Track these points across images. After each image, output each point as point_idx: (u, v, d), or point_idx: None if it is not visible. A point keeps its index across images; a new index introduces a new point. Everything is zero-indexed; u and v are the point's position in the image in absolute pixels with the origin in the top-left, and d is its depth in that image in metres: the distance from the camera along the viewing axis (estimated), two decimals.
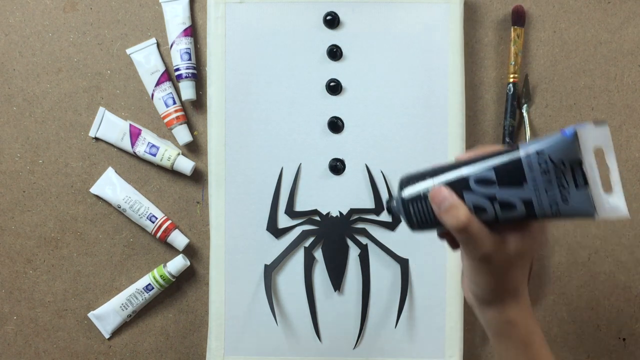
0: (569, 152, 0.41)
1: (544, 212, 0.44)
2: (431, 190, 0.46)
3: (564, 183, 0.42)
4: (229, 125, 0.63)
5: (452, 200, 0.45)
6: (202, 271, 0.65)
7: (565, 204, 0.43)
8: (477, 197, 0.45)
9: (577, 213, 0.43)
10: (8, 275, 0.65)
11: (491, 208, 0.45)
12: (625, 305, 0.65)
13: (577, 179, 0.41)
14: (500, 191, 0.44)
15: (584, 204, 0.42)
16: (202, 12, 0.65)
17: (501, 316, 0.48)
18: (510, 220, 0.45)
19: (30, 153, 0.65)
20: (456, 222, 0.44)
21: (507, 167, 0.44)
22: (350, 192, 0.63)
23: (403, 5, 0.63)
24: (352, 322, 0.63)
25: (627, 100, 0.65)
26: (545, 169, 0.42)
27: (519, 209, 0.44)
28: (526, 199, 0.44)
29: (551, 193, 0.43)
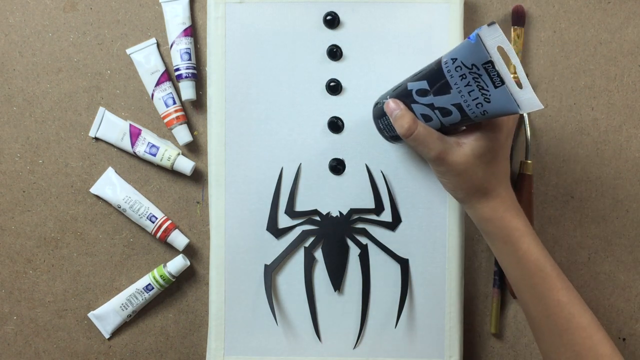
0: (478, 55, 0.44)
1: (474, 114, 0.47)
2: (386, 103, 0.53)
3: (482, 85, 0.45)
4: (229, 125, 0.63)
5: (398, 110, 0.51)
6: (202, 271, 0.65)
7: (489, 104, 0.46)
8: (421, 107, 0.50)
9: (502, 111, 0.46)
10: (8, 275, 0.65)
11: (434, 115, 0.50)
12: (625, 305, 0.65)
13: (494, 79, 0.45)
14: (435, 99, 0.49)
15: (506, 102, 0.45)
16: (202, 12, 0.65)
17: (475, 213, 0.53)
18: (455, 124, 0.50)
19: (30, 153, 0.65)
20: (402, 129, 0.51)
21: (435, 76, 0.48)
22: (350, 192, 0.63)
23: (403, 5, 0.63)
24: (352, 322, 0.63)
25: (627, 100, 0.65)
26: (462, 74, 0.46)
27: (454, 113, 0.48)
28: (456, 104, 0.48)
29: (474, 95, 0.46)
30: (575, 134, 0.65)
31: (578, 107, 0.65)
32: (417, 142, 0.50)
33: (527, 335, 0.65)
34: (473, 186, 0.51)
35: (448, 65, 0.46)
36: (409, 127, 0.50)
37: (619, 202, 0.65)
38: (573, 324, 0.50)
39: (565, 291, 0.51)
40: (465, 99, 0.47)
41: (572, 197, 0.65)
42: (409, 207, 0.63)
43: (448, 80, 0.47)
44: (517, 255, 0.51)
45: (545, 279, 0.51)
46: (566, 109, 0.65)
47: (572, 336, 0.50)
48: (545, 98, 0.65)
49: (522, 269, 0.51)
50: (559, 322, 0.50)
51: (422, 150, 0.51)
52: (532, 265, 0.51)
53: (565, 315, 0.50)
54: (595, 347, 0.49)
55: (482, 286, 0.66)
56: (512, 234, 0.51)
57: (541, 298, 0.51)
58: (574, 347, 0.49)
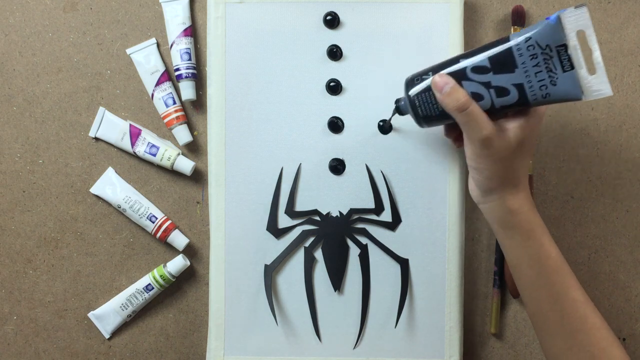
0: (554, 37, 0.45)
1: (535, 96, 0.47)
2: (433, 78, 0.50)
3: (551, 67, 0.46)
4: (229, 125, 0.63)
5: (452, 84, 0.49)
6: (202, 271, 0.65)
7: (554, 87, 0.46)
8: (474, 85, 0.49)
9: (566, 96, 0.46)
10: (8, 275, 0.65)
11: (488, 94, 0.49)
12: (625, 305, 0.65)
13: (564, 63, 0.45)
14: (494, 77, 0.48)
15: (571, 87, 0.46)
16: (202, 12, 0.65)
17: (503, 205, 0.51)
18: (506, 107, 0.49)
19: (30, 153, 0.65)
20: (457, 102, 0.48)
21: (500, 54, 0.48)
22: (350, 192, 0.63)
23: (403, 5, 0.63)
24: (352, 322, 0.63)
25: (627, 100, 0.65)
26: (534, 54, 0.46)
27: (512, 93, 0.48)
28: (518, 83, 0.47)
29: (541, 77, 0.46)
30: (575, 134, 0.65)
31: (578, 107, 0.65)
32: (470, 118, 0.48)
33: (527, 335, 0.65)
34: (508, 175, 0.50)
35: (519, 43, 0.47)
36: (466, 100, 0.48)
37: (619, 202, 0.65)
38: (588, 324, 0.49)
39: (580, 291, 0.50)
40: (530, 80, 0.47)
41: (572, 197, 0.65)
42: (409, 207, 0.63)
43: (515, 59, 0.47)
44: (539, 251, 0.50)
45: (564, 278, 0.50)
46: (566, 109, 0.65)
47: (586, 336, 0.49)
48: None
49: (541, 266, 0.50)
50: (573, 322, 0.49)
51: (472, 129, 0.48)
52: (552, 262, 0.50)
53: (580, 315, 0.49)
54: (609, 348, 0.49)
55: (482, 286, 0.66)
56: (536, 229, 0.50)
57: (558, 297, 0.50)
58: (588, 347, 0.49)
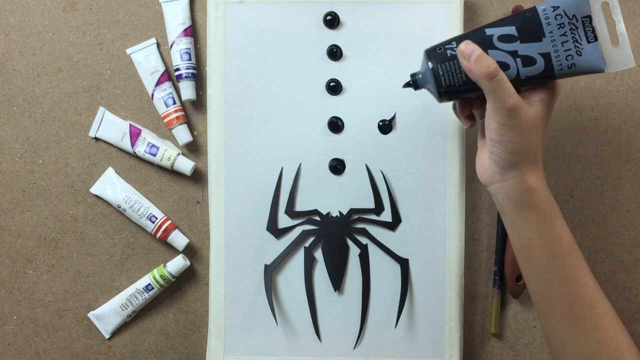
0: (580, 7, 0.46)
1: (561, 66, 0.48)
2: (460, 46, 0.49)
3: (577, 37, 0.46)
4: (229, 125, 0.63)
5: (479, 52, 0.48)
6: (202, 271, 0.65)
7: (580, 57, 0.47)
8: (501, 54, 0.49)
9: (590, 67, 0.47)
10: (8, 275, 0.65)
11: (514, 64, 0.49)
12: (625, 305, 0.65)
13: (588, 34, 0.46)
14: (521, 46, 0.48)
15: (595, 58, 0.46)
16: (202, 12, 0.65)
17: (523, 182, 0.50)
18: (531, 77, 0.49)
19: (30, 153, 0.65)
20: (487, 69, 0.47)
21: (527, 22, 0.48)
22: (350, 192, 0.63)
23: (403, 5, 0.63)
24: (352, 322, 0.63)
25: (627, 100, 0.65)
26: (561, 23, 0.47)
27: (539, 63, 0.48)
28: (545, 52, 0.48)
29: (567, 46, 0.47)
30: (575, 134, 0.65)
31: (578, 107, 0.65)
32: (499, 86, 0.47)
33: (527, 335, 0.65)
34: (530, 150, 0.49)
35: (547, 12, 0.47)
36: (494, 68, 0.47)
37: (619, 202, 0.65)
38: (597, 310, 0.48)
39: (590, 276, 0.49)
40: (557, 49, 0.47)
41: (572, 197, 0.65)
42: (409, 207, 0.63)
43: (543, 27, 0.47)
44: (554, 232, 0.49)
45: (577, 261, 0.49)
46: (566, 109, 0.65)
47: (595, 322, 0.48)
48: None
49: (555, 248, 0.49)
50: (583, 307, 0.49)
51: (500, 97, 0.47)
52: (565, 244, 0.49)
53: (590, 299, 0.49)
54: (617, 335, 0.48)
55: (482, 286, 0.66)
56: (552, 209, 0.50)
57: (570, 280, 0.49)
58: (596, 333, 0.48)
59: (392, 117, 0.63)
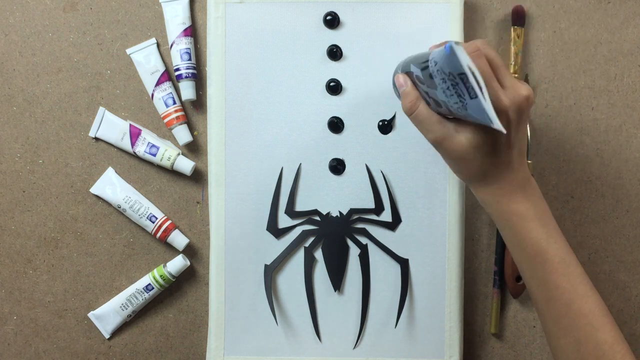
0: (453, 66, 0.43)
1: (458, 113, 0.47)
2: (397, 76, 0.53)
3: (460, 92, 0.44)
4: (229, 125, 0.63)
5: (405, 87, 0.51)
6: (202, 271, 0.65)
7: (466, 111, 0.45)
8: (422, 91, 0.50)
9: (479, 121, 0.45)
10: (8, 275, 0.65)
11: (431, 101, 0.49)
12: (625, 305, 0.65)
13: (470, 90, 0.43)
14: (428, 90, 0.49)
15: (480, 113, 0.44)
16: (202, 12, 0.65)
17: (477, 195, 0.53)
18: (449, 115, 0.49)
19: (30, 153, 0.65)
20: (404, 107, 0.51)
21: (425, 69, 0.47)
22: (350, 192, 0.63)
23: (403, 5, 0.63)
24: (352, 322, 0.63)
25: (627, 100, 0.65)
26: (443, 78, 0.45)
27: (443, 107, 0.48)
28: (442, 100, 0.47)
29: (454, 99, 0.45)
30: (575, 134, 0.65)
31: (578, 107, 0.65)
32: (417, 122, 0.51)
33: (527, 335, 0.65)
34: (471, 172, 0.51)
35: (431, 65, 0.46)
36: (410, 106, 0.51)
37: (619, 202, 0.65)
38: (573, 310, 0.49)
39: (565, 277, 0.50)
40: (447, 100, 0.46)
41: (572, 197, 0.65)
42: (409, 207, 0.63)
43: (434, 78, 0.46)
44: (517, 239, 0.51)
45: (544, 264, 0.50)
46: (566, 109, 0.65)
47: (571, 321, 0.49)
48: (545, 98, 0.65)
49: (522, 253, 0.51)
50: (558, 307, 0.50)
51: (421, 131, 0.51)
52: (530, 249, 0.50)
53: (565, 300, 0.49)
54: (596, 333, 0.49)
55: (482, 286, 0.66)
56: (510, 219, 0.51)
57: (541, 282, 0.50)
58: (574, 332, 0.49)
59: (392, 117, 0.63)
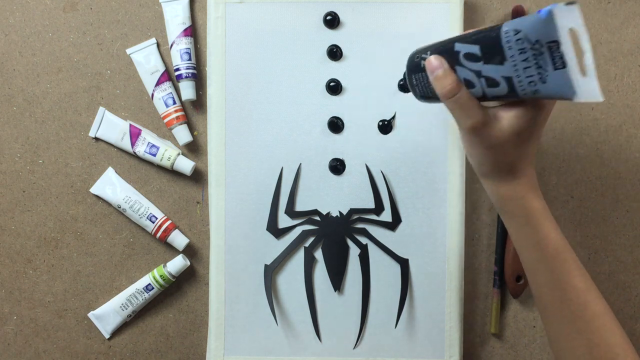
0: (546, 33, 0.42)
1: (524, 91, 0.45)
2: (429, 58, 0.48)
3: (541, 64, 0.43)
4: (229, 125, 0.63)
5: (442, 69, 0.48)
6: (202, 271, 0.65)
7: (544, 84, 0.44)
8: (466, 72, 0.47)
9: (556, 94, 0.44)
10: (8, 275, 0.65)
11: (478, 83, 0.47)
12: (625, 305, 0.65)
13: (555, 61, 0.42)
14: (484, 67, 0.46)
15: (562, 86, 0.43)
16: (202, 12, 0.65)
17: (497, 191, 0.51)
18: (498, 97, 0.47)
19: (30, 153, 0.65)
20: (443, 90, 0.48)
21: (490, 43, 0.45)
22: (350, 192, 0.63)
23: (403, 5, 0.63)
24: (352, 322, 0.63)
25: (627, 100, 0.65)
26: (523, 49, 0.43)
27: (502, 85, 0.46)
28: (507, 76, 0.45)
29: (529, 72, 0.44)
30: (575, 134, 0.65)
31: (578, 107, 0.65)
32: (457, 106, 0.48)
33: (527, 335, 0.65)
34: (501, 163, 0.49)
35: (509, 35, 0.44)
36: (451, 89, 0.47)
37: (619, 202, 0.65)
38: (588, 312, 0.49)
39: (582, 278, 0.49)
40: (519, 74, 0.44)
41: (572, 197, 0.65)
42: (409, 207, 0.63)
43: (505, 52, 0.44)
44: (537, 237, 0.50)
45: (563, 264, 0.49)
46: (566, 109, 0.65)
47: (586, 324, 0.49)
48: None
49: (541, 252, 0.50)
50: (573, 309, 0.49)
51: (459, 116, 0.48)
52: (550, 248, 0.49)
53: (581, 302, 0.49)
54: (609, 336, 0.48)
55: (482, 286, 0.66)
56: (532, 215, 0.50)
57: (557, 283, 0.49)
58: (587, 334, 0.48)
59: (392, 117, 0.63)
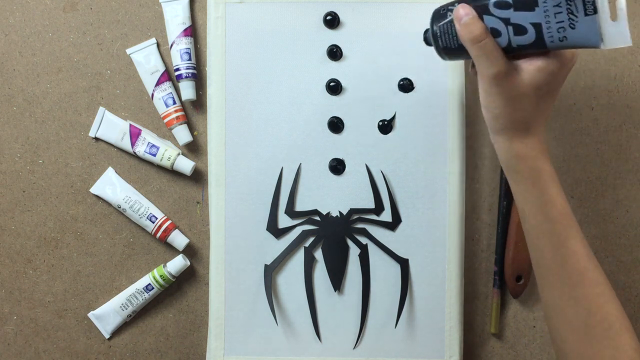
0: None
1: (552, 38, 0.46)
2: (456, 8, 0.49)
3: (573, 9, 0.44)
4: (229, 125, 0.63)
5: (471, 15, 0.49)
6: (202, 271, 0.65)
7: (573, 30, 0.44)
8: (494, 20, 0.48)
9: (584, 41, 0.44)
10: (8, 275, 0.65)
11: (505, 31, 0.48)
12: (625, 305, 0.65)
13: (587, 6, 0.43)
14: (514, 14, 0.47)
15: (590, 32, 0.44)
16: (202, 12, 0.65)
17: (510, 148, 0.50)
18: (523, 46, 0.48)
19: (30, 153, 0.65)
20: (471, 34, 0.48)
21: None
22: (350, 192, 0.63)
23: (403, 5, 0.63)
24: (352, 322, 0.63)
25: (627, 100, 0.65)
26: None
27: (530, 32, 0.47)
28: (536, 23, 0.46)
29: (560, 18, 0.45)
30: (575, 134, 0.65)
31: (578, 107, 0.65)
32: (483, 52, 0.48)
33: (527, 335, 0.65)
34: (518, 118, 0.49)
35: None
36: (479, 33, 0.48)
37: (619, 202, 0.65)
38: (587, 278, 0.48)
39: (583, 245, 0.49)
40: (548, 20, 0.45)
41: (572, 197, 0.65)
42: (409, 207, 0.63)
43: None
44: (544, 198, 0.49)
45: (567, 227, 0.49)
46: (566, 109, 0.65)
47: (583, 290, 0.48)
48: None
49: (546, 214, 0.49)
50: (572, 274, 0.49)
51: (483, 64, 0.48)
52: (556, 211, 0.49)
53: (581, 268, 0.49)
54: (606, 305, 0.48)
55: (482, 286, 0.66)
56: (541, 176, 0.50)
57: (559, 246, 0.49)
58: (584, 301, 0.48)
59: (392, 117, 0.63)
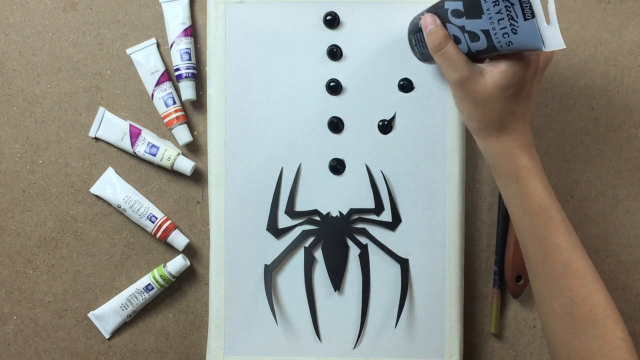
0: None
1: (500, 43, 0.48)
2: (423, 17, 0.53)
3: (513, 15, 0.46)
4: (229, 125, 0.63)
5: (433, 25, 0.52)
6: (202, 271, 0.65)
7: (515, 35, 0.47)
8: (454, 28, 0.51)
9: (527, 45, 0.47)
10: (8, 275, 0.65)
11: (463, 38, 0.50)
12: (625, 305, 0.65)
13: (525, 11, 0.45)
14: (467, 22, 0.49)
15: (532, 36, 0.46)
16: (202, 12, 0.65)
17: (485, 146, 0.53)
18: (482, 52, 0.50)
19: (30, 153, 0.65)
20: (432, 44, 0.51)
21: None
22: (350, 192, 0.63)
23: (403, 5, 0.63)
24: (352, 322, 0.63)
25: (627, 100, 0.65)
26: (496, 1, 0.46)
27: (482, 39, 0.49)
28: (485, 29, 0.48)
29: (503, 24, 0.47)
30: (575, 134, 0.65)
31: (578, 107, 0.65)
32: (444, 59, 0.51)
33: (527, 335, 0.65)
34: (488, 118, 0.51)
35: None
36: (440, 42, 0.51)
37: (619, 202, 0.65)
38: (570, 270, 0.49)
39: (566, 236, 0.50)
40: (494, 27, 0.47)
41: (572, 197, 0.65)
42: (409, 207, 0.63)
43: (482, 5, 0.47)
44: (522, 193, 0.50)
45: (548, 221, 0.50)
46: (566, 109, 0.65)
47: (567, 282, 0.49)
48: (545, 98, 0.65)
49: (525, 209, 0.50)
50: (555, 267, 0.49)
51: (446, 70, 0.51)
52: (535, 205, 0.50)
53: (563, 260, 0.49)
54: (591, 296, 0.49)
55: (482, 286, 0.66)
56: (519, 172, 0.51)
57: (541, 240, 0.50)
58: (568, 293, 0.49)
59: (392, 117, 0.63)
